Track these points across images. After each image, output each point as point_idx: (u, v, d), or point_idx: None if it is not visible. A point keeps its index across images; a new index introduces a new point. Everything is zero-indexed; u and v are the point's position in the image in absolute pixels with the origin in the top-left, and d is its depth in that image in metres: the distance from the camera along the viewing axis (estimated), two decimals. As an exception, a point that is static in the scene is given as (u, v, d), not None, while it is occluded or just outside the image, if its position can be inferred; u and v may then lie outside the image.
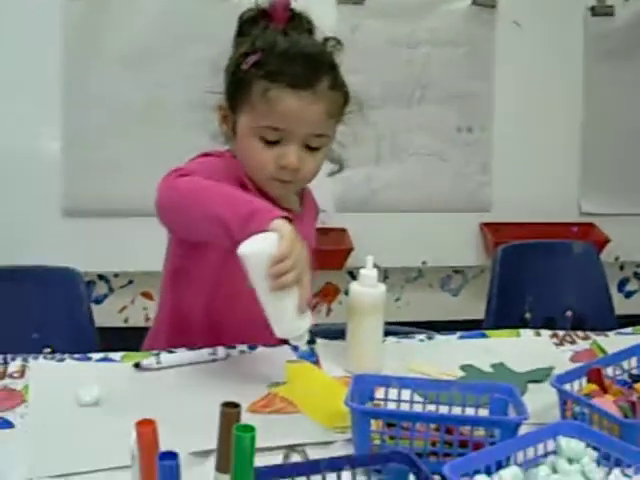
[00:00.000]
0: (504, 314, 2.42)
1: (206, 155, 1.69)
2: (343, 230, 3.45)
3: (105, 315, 3.40)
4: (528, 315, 2.42)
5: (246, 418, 1.15)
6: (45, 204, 3.25)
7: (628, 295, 3.84)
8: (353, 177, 3.32)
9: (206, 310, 1.71)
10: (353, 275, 3.66)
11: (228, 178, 1.61)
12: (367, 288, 1.58)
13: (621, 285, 3.83)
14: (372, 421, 1.24)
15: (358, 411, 1.24)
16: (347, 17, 3.34)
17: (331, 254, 3.37)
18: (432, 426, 1.25)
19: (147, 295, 3.53)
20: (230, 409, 0.94)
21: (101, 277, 3.49)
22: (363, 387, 1.35)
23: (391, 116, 3.41)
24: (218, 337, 1.69)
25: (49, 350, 1.96)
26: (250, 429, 0.89)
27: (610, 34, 3.52)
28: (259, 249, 1.37)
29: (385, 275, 3.66)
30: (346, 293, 3.66)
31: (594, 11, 3.51)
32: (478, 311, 3.42)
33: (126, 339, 3.55)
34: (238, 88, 1.64)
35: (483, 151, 3.53)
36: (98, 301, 3.50)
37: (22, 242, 3.24)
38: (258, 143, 1.62)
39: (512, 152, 3.53)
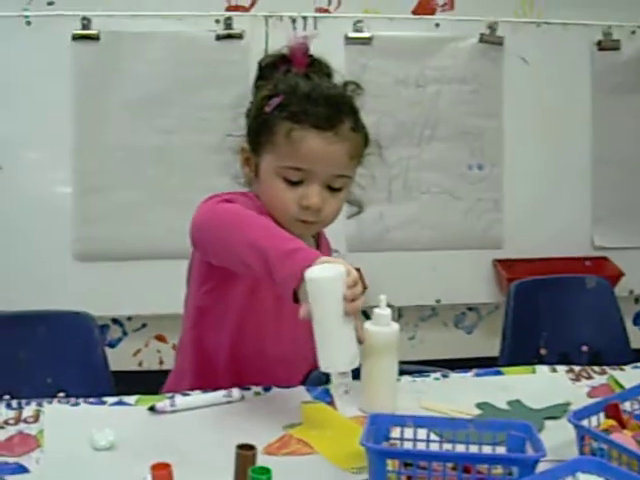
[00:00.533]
0: (519, 351, 2.40)
1: (228, 195, 1.69)
2: (357, 269, 3.43)
3: (119, 359, 3.41)
4: (543, 351, 2.41)
5: (262, 460, 1.16)
6: (57, 249, 3.27)
7: (644, 328, 3.83)
8: (365, 216, 3.29)
9: (231, 350, 1.71)
10: (367, 314, 3.64)
11: None
12: (381, 327, 1.58)
13: (636, 318, 3.81)
14: (388, 461, 1.23)
15: (374, 451, 1.23)
16: (355, 57, 3.37)
17: (344, 293, 3.35)
18: (449, 465, 1.24)
19: (161, 338, 3.54)
20: (245, 451, 0.94)
21: (115, 321, 3.50)
22: (378, 427, 1.34)
23: (402, 155, 3.43)
24: (243, 377, 1.69)
25: (64, 395, 1.97)
26: (266, 471, 0.89)
27: (617, 68, 3.55)
28: (336, 273, 1.38)
29: (399, 313, 3.65)
30: (360, 332, 3.65)
31: (600, 45, 3.54)
32: (493, 348, 3.40)
33: (141, 383, 3.55)
34: (261, 130, 1.67)
35: (494, 188, 3.54)
36: (112, 345, 3.51)
37: (35, 287, 3.25)
38: (281, 183, 1.65)
39: (523, 188, 3.54)
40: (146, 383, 3.48)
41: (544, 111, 3.51)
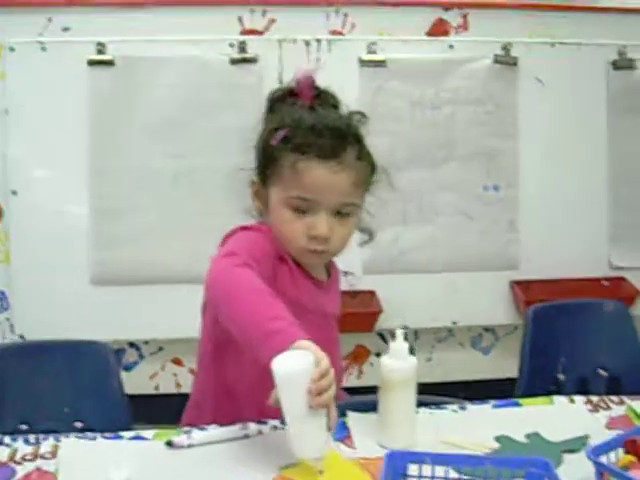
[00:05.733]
0: (537, 376, 2.39)
1: (245, 228, 1.72)
2: (372, 292, 3.44)
3: (136, 382, 3.42)
4: (561, 376, 2.39)
5: None
6: (74, 273, 3.28)
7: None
8: (381, 239, 3.27)
9: (252, 382, 1.71)
10: (383, 336, 3.65)
11: (271, 254, 1.66)
12: (398, 362, 1.56)
13: (654, 339, 3.78)
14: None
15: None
16: (370, 79, 3.37)
17: (360, 317, 3.35)
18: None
19: (177, 362, 3.54)
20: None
21: (131, 344, 3.50)
22: (396, 464, 1.33)
23: (417, 176, 3.43)
24: (266, 407, 1.69)
25: (81, 425, 1.97)
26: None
27: (633, 87, 3.53)
28: (301, 367, 1.37)
29: (416, 335, 3.64)
30: (377, 355, 3.65)
31: (615, 65, 3.52)
32: (510, 369, 3.39)
33: (157, 406, 3.56)
34: (268, 162, 1.70)
35: (510, 208, 3.53)
36: (128, 368, 3.51)
37: (52, 311, 3.27)
38: (289, 214, 1.67)
39: (539, 208, 3.53)
40: (163, 407, 3.49)
41: (560, 131, 3.50)
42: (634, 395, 1.82)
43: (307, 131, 1.65)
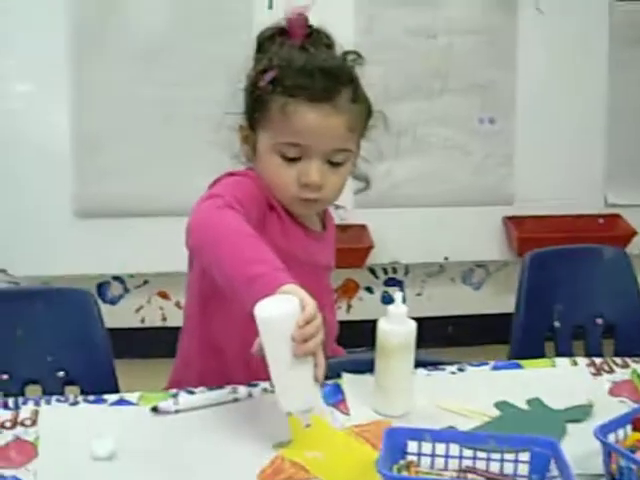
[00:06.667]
0: (533, 323, 2.33)
1: (231, 175, 1.63)
2: (363, 226, 3.36)
3: (121, 316, 3.37)
4: (557, 324, 2.33)
5: None
6: (57, 206, 3.19)
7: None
8: (373, 171, 3.21)
9: (240, 340, 1.63)
10: (374, 271, 3.59)
11: (259, 200, 1.58)
12: (396, 326, 1.49)
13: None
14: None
15: (392, 480, 1.16)
16: (364, 7, 3.25)
17: (351, 252, 3.28)
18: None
19: (163, 295, 3.48)
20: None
21: (116, 278, 3.43)
22: (395, 441, 1.27)
23: (411, 108, 3.32)
24: (252, 366, 1.63)
25: (63, 374, 1.91)
26: None
27: (636, 19, 3.40)
28: (284, 312, 1.28)
29: (406, 270, 3.58)
30: (367, 289, 3.60)
31: (619, -5, 3.39)
32: (501, 305, 3.36)
33: (143, 340, 3.51)
34: (257, 106, 1.61)
35: (506, 142, 3.44)
36: (113, 302, 3.45)
37: (35, 245, 3.20)
38: (279, 160, 1.59)
39: (536, 143, 3.44)
40: (149, 340, 3.45)
41: (559, 63, 3.38)
42: (636, 357, 1.76)
43: (297, 72, 1.56)
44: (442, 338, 3.41)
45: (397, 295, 1.50)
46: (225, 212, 1.45)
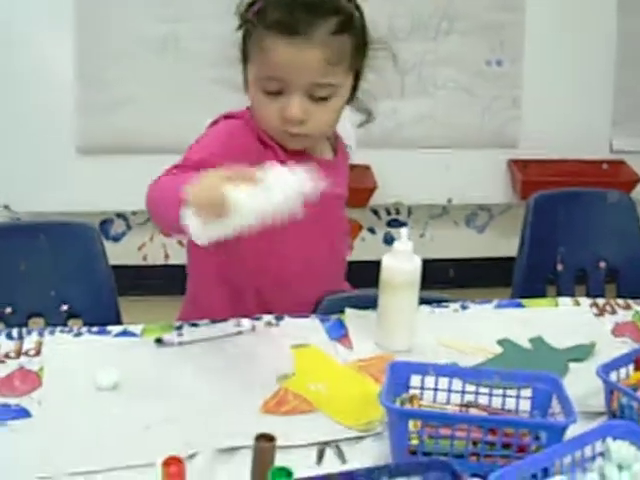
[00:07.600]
0: (536, 265, 2.33)
1: (228, 117, 1.62)
2: (367, 167, 3.34)
3: (124, 253, 3.36)
4: (560, 266, 2.33)
5: (263, 420, 1.28)
6: (60, 142, 3.16)
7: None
8: (377, 111, 3.20)
9: (251, 273, 1.65)
10: (376, 211, 3.58)
11: (250, 147, 1.57)
12: (401, 263, 1.49)
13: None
14: (411, 421, 1.17)
15: (395, 412, 1.17)
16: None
17: (355, 192, 3.24)
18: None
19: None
20: (264, 444, 0.87)
21: (119, 215, 3.42)
22: (398, 375, 1.28)
23: (417, 48, 3.28)
24: (267, 299, 1.66)
25: (67, 307, 1.91)
26: (287, 473, 0.82)
27: (650, -38, 3.36)
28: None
29: (409, 212, 3.58)
30: (369, 230, 3.59)
31: None
32: (504, 248, 3.35)
33: (145, 277, 3.50)
34: (245, 38, 1.59)
35: (513, 84, 3.40)
36: (116, 239, 3.44)
37: (38, 181, 3.18)
38: (261, 95, 1.57)
39: (542, 86, 3.39)
40: (151, 277, 3.45)
41: (569, 5, 3.33)
42: (638, 299, 1.76)
43: (278, 5, 1.53)
44: (444, 280, 3.41)
45: (402, 231, 1.49)
46: (167, 177, 1.49)
